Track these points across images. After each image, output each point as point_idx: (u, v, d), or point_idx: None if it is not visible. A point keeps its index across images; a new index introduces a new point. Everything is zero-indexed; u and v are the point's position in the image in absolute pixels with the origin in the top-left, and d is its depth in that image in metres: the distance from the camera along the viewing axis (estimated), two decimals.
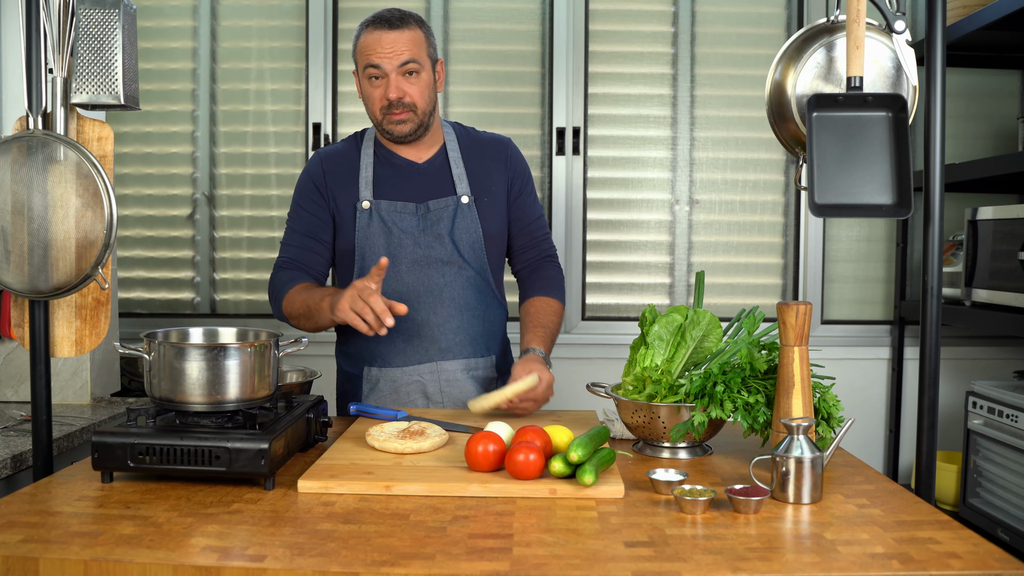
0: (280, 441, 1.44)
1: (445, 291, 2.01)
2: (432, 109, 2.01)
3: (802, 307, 1.46)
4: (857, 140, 1.64)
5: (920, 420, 1.64)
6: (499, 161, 2.11)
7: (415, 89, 1.95)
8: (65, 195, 1.67)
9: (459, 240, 2.01)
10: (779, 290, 3.30)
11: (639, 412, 1.62)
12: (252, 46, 3.26)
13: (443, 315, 2.01)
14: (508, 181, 2.11)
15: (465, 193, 2.03)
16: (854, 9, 1.59)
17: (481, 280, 2.05)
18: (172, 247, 3.30)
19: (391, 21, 1.94)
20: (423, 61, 1.96)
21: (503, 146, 2.14)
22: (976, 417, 2.68)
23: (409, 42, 1.93)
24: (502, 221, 2.09)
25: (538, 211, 2.18)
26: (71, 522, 1.25)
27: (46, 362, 1.71)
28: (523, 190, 2.14)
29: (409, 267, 2.00)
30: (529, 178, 2.17)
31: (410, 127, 1.98)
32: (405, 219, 2.00)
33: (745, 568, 1.09)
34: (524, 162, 2.17)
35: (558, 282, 2.15)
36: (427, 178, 2.05)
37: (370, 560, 1.11)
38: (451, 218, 2.01)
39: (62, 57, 1.67)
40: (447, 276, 2.01)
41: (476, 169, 2.08)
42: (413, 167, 2.05)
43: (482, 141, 2.14)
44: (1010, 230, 2.60)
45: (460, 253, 2.01)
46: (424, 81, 1.97)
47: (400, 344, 2.02)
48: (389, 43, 1.92)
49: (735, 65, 3.25)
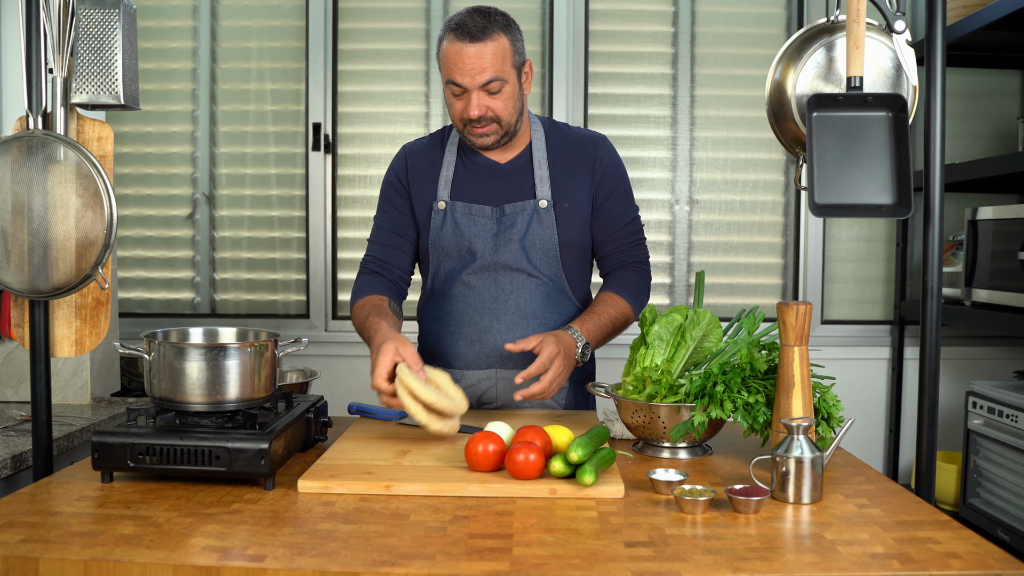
0: (280, 441, 1.44)
1: (511, 298, 1.95)
2: (519, 115, 1.91)
3: (802, 307, 1.46)
4: (857, 140, 1.64)
5: (920, 420, 1.64)
6: (586, 163, 1.98)
7: (498, 104, 1.84)
8: (65, 195, 1.67)
9: (531, 246, 1.93)
10: (779, 290, 3.30)
11: (639, 412, 1.62)
12: (252, 46, 3.26)
13: (507, 322, 1.95)
14: (595, 184, 1.97)
15: (544, 197, 1.93)
16: (854, 9, 1.59)
17: (554, 288, 1.97)
18: (172, 247, 3.30)
19: (473, 33, 1.79)
20: (507, 75, 1.83)
21: (594, 145, 2.00)
22: (976, 417, 2.68)
23: (492, 57, 1.80)
24: (583, 228, 1.97)
25: (629, 216, 2.02)
26: (71, 522, 1.25)
27: (46, 362, 1.71)
28: (612, 194, 1.99)
29: (477, 272, 1.95)
30: (622, 180, 2.02)
31: (493, 139, 1.90)
32: (479, 222, 1.94)
33: (745, 568, 1.09)
34: (617, 163, 2.02)
35: (632, 283, 2.00)
36: (507, 180, 1.96)
37: (370, 560, 1.11)
38: (526, 223, 1.93)
39: (62, 57, 1.67)
40: (515, 283, 1.95)
41: (561, 171, 1.96)
42: (494, 168, 1.98)
43: (572, 140, 2.01)
44: (1010, 230, 2.60)
45: (530, 260, 1.93)
46: (508, 93, 1.85)
47: (463, 348, 1.98)
48: (470, 59, 1.79)
49: (735, 65, 3.25)
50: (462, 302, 1.97)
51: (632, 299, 1.98)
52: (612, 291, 1.97)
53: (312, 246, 3.26)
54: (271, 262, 3.30)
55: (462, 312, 1.97)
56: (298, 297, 3.31)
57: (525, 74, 1.91)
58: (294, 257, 3.30)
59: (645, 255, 2.06)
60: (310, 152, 3.24)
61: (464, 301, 1.96)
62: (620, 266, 2.03)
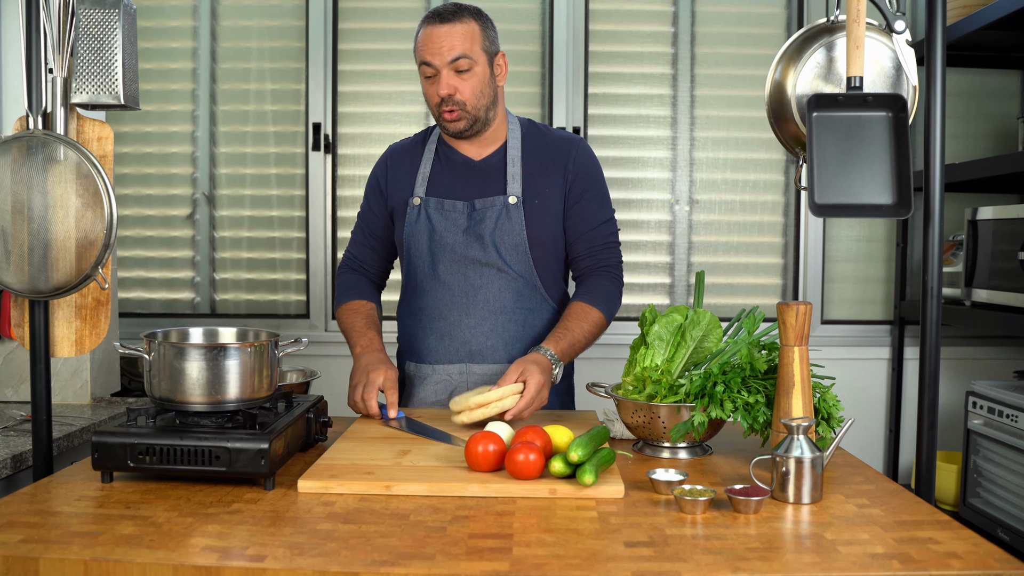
0: (280, 441, 1.44)
1: (480, 293, 1.97)
2: (490, 104, 1.95)
3: (802, 307, 1.46)
4: (857, 140, 1.64)
5: (920, 420, 1.64)
6: (560, 162, 2.00)
7: (466, 86, 1.89)
8: (65, 195, 1.67)
9: (500, 242, 1.95)
10: (779, 290, 3.30)
11: (639, 412, 1.62)
12: (252, 46, 3.26)
13: (476, 317, 1.97)
14: (567, 183, 1.99)
15: (514, 194, 1.95)
16: (854, 9, 1.59)
17: (525, 284, 1.98)
18: (172, 247, 3.30)
19: (443, 15, 1.88)
20: (476, 56, 1.89)
21: (569, 146, 2.02)
22: (976, 417, 2.68)
23: (461, 36, 1.87)
24: (554, 225, 1.99)
25: (602, 217, 2.02)
26: (71, 522, 1.25)
27: (46, 362, 1.71)
28: (584, 194, 2.00)
29: (448, 266, 1.98)
30: (596, 182, 2.03)
31: (463, 124, 1.93)
32: (451, 217, 1.97)
33: (745, 568, 1.09)
34: (592, 164, 2.04)
35: (603, 290, 2.00)
36: (481, 176, 2.00)
37: (370, 560, 1.11)
38: (495, 219, 1.95)
39: (62, 57, 1.67)
40: (485, 278, 1.97)
41: (533, 170, 1.99)
42: (469, 164, 2.01)
43: (548, 140, 2.04)
44: (1010, 230, 2.60)
45: (501, 255, 1.95)
46: (477, 76, 1.90)
47: (433, 343, 2.01)
48: (440, 38, 1.87)
49: (735, 65, 3.25)
50: (433, 297, 2.00)
51: (604, 307, 1.98)
52: (584, 300, 1.98)
53: (312, 246, 3.26)
54: (271, 262, 3.30)
55: (433, 307, 2.01)
56: (298, 297, 3.31)
57: (498, 65, 1.96)
58: (294, 257, 3.30)
59: (618, 259, 2.06)
60: (310, 152, 3.24)
61: (435, 296, 2.00)
62: (592, 270, 2.03)
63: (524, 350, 1.99)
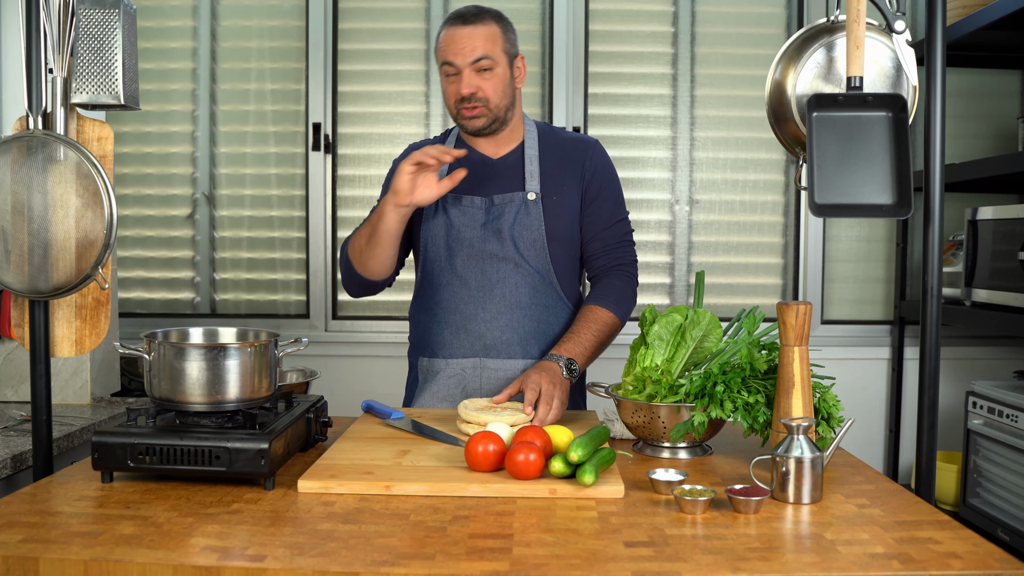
0: (280, 441, 1.44)
1: (497, 287, 1.98)
2: (509, 104, 1.98)
3: (802, 307, 1.46)
4: (857, 140, 1.64)
5: (920, 420, 1.64)
6: (577, 162, 2.04)
7: (488, 84, 1.92)
8: (65, 195, 1.67)
9: (519, 237, 1.97)
10: (779, 290, 3.30)
11: (639, 412, 1.62)
12: (252, 46, 3.26)
13: (492, 311, 1.98)
14: (584, 182, 2.03)
15: (533, 190, 1.98)
16: (854, 9, 1.59)
17: (541, 280, 2.00)
18: (172, 247, 3.30)
19: (466, 17, 1.92)
20: (497, 57, 1.92)
21: (585, 147, 2.07)
22: (976, 417, 2.68)
23: (483, 38, 1.91)
24: (571, 222, 2.02)
25: (617, 216, 2.05)
26: (71, 522, 1.25)
27: (46, 362, 1.71)
28: (600, 194, 2.04)
29: (465, 260, 1.99)
30: (611, 181, 2.07)
31: (484, 121, 1.95)
32: (469, 212, 1.99)
33: (745, 568, 1.09)
34: (607, 165, 2.08)
35: (617, 291, 2.01)
36: (499, 173, 2.02)
37: (370, 560, 1.11)
38: (514, 214, 1.97)
39: (62, 57, 1.67)
40: (501, 272, 1.98)
41: (551, 168, 2.02)
42: (487, 162, 2.03)
43: (565, 141, 2.08)
44: (1010, 230, 2.60)
45: (519, 250, 1.97)
46: (499, 77, 1.94)
47: (448, 336, 2.01)
48: (462, 39, 1.90)
49: (735, 65, 3.25)
50: (449, 292, 2.01)
51: (616, 307, 1.99)
52: (596, 303, 1.98)
53: (312, 246, 3.26)
54: (271, 262, 3.30)
55: (449, 301, 2.01)
56: (298, 297, 3.31)
57: (517, 68, 2.00)
58: (294, 257, 3.30)
59: (632, 257, 2.08)
60: (310, 152, 3.24)
61: (451, 291, 2.00)
62: (606, 270, 2.04)
63: (538, 348, 2.00)
